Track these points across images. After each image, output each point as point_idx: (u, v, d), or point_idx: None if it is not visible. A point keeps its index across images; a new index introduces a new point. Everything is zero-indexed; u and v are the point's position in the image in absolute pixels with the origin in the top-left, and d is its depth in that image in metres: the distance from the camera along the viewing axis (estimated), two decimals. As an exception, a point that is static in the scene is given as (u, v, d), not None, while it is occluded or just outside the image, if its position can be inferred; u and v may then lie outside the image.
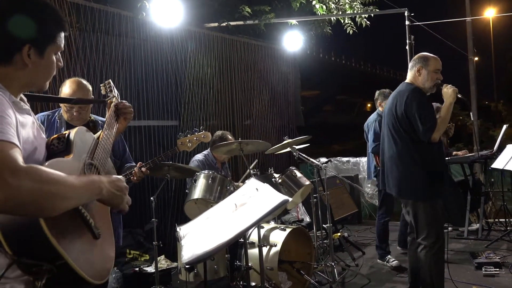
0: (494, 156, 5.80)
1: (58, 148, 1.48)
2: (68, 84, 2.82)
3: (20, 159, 1.20)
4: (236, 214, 1.93)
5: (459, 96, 3.44)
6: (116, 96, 2.05)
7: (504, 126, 6.55)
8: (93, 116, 2.98)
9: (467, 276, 4.35)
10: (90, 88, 2.90)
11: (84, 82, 2.88)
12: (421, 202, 3.41)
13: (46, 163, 1.34)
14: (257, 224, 2.66)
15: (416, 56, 3.59)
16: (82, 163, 1.50)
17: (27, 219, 1.22)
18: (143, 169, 2.81)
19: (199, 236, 1.90)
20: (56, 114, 2.88)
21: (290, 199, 1.84)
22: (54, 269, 1.24)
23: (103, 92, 2.10)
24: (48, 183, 1.20)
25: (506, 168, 5.33)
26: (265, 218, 1.81)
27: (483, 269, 4.44)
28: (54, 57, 1.48)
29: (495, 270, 4.40)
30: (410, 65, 3.59)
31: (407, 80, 3.58)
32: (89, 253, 1.39)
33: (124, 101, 2.01)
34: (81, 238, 1.37)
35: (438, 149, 3.43)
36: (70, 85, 2.81)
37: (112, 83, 2.11)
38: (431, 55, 3.55)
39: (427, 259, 3.41)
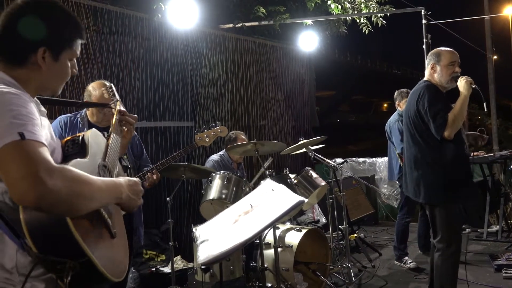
0: (514, 156, 5.70)
1: (73, 149, 1.51)
2: (96, 86, 2.88)
3: (52, 159, 1.23)
4: (251, 215, 1.93)
5: (473, 86, 3.26)
6: (120, 100, 2.07)
7: (524, 126, 6.42)
8: None
9: (486, 279, 4.27)
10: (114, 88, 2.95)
11: (108, 84, 2.93)
12: (437, 206, 3.33)
13: (70, 163, 1.36)
14: (273, 225, 2.66)
15: (430, 53, 3.50)
16: (97, 164, 1.53)
17: (53, 217, 1.25)
18: (154, 175, 2.84)
19: (215, 237, 1.91)
20: (79, 115, 2.94)
21: (306, 200, 1.83)
22: (77, 266, 1.27)
23: (106, 96, 2.13)
24: (79, 184, 1.24)
25: (526, 168, 5.24)
26: (281, 219, 1.80)
27: (503, 271, 4.35)
28: (68, 63, 1.50)
29: (515, 273, 4.32)
30: (426, 62, 3.51)
31: (425, 78, 3.50)
32: (109, 252, 1.43)
33: (124, 110, 1.98)
34: (101, 237, 1.41)
35: (457, 152, 3.25)
36: (98, 87, 2.87)
37: (114, 87, 2.13)
38: (444, 48, 3.42)
39: (438, 262, 3.35)
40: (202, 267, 3.64)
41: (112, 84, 2.16)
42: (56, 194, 1.17)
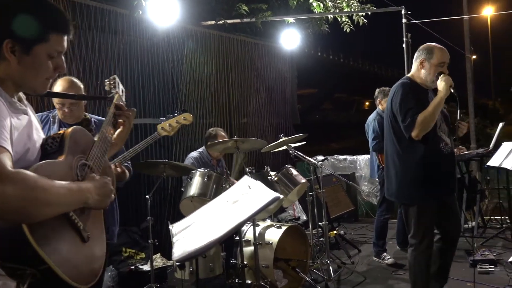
0: (490, 154, 5.82)
1: (52, 148, 1.45)
2: (59, 82, 2.83)
3: (8, 164, 1.19)
4: (228, 211, 1.93)
5: (452, 91, 3.14)
6: (120, 93, 1.98)
7: (500, 124, 6.56)
8: (88, 115, 2.98)
9: (462, 274, 4.36)
10: (82, 86, 2.90)
11: (75, 80, 2.88)
12: (406, 204, 3.35)
13: (36, 166, 1.31)
14: (248, 221, 2.66)
15: (421, 47, 3.34)
16: (75, 164, 1.47)
17: (8, 224, 1.20)
18: (118, 168, 2.79)
19: (190, 233, 1.91)
20: (51, 114, 2.90)
21: (281, 196, 1.84)
22: (37, 274, 1.24)
23: (107, 88, 2.01)
24: (34, 190, 1.20)
25: (502, 166, 5.34)
26: (257, 215, 1.81)
27: (478, 267, 4.44)
28: (46, 58, 1.42)
29: (490, 268, 4.42)
30: (415, 55, 3.36)
31: (410, 73, 3.42)
32: (76, 257, 1.37)
33: (122, 104, 1.92)
34: (67, 241, 1.36)
35: (429, 151, 3.21)
36: (62, 83, 2.82)
37: (117, 78, 2.02)
38: (438, 46, 3.30)
39: (411, 257, 3.39)
40: (177, 264, 3.63)
41: (115, 76, 2.06)
42: (7, 200, 1.13)
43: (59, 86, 2.82)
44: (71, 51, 4.61)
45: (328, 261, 4.32)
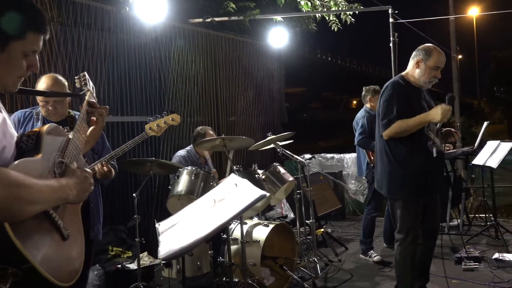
0: (475, 153, 5.89)
1: (27, 146, 1.42)
2: (43, 79, 2.81)
3: None
4: (214, 209, 1.93)
5: (437, 126, 3.26)
6: (91, 90, 1.97)
7: (485, 123, 6.65)
8: (73, 112, 2.96)
9: (447, 271, 4.41)
10: (66, 83, 2.88)
11: (60, 77, 2.86)
12: (393, 198, 3.43)
13: (14, 164, 1.29)
14: (234, 219, 2.66)
15: (421, 46, 3.37)
16: (52, 161, 1.45)
17: None
18: (105, 167, 2.79)
19: (177, 232, 1.90)
20: (34, 110, 2.87)
21: (268, 194, 1.84)
22: (19, 273, 1.22)
23: (77, 85, 2.00)
24: (17, 187, 1.19)
25: (486, 164, 5.42)
26: (243, 213, 1.81)
27: (462, 264, 4.50)
28: (21, 56, 1.39)
29: (474, 265, 4.47)
30: (413, 53, 3.40)
31: (405, 71, 3.46)
32: (57, 255, 1.37)
33: (94, 101, 1.89)
34: (48, 240, 1.35)
35: (415, 149, 3.28)
36: (45, 80, 2.80)
37: (87, 75, 2.01)
38: (437, 49, 3.33)
39: (396, 252, 3.47)
40: (163, 262, 3.62)
41: (85, 73, 2.03)
42: None
43: (43, 83, 2.79)
44: (56, 48, 4.56)
45: (315, 259, 4.34)
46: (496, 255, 4.63)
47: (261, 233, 3.96)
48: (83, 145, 1.71)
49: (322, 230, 5.40)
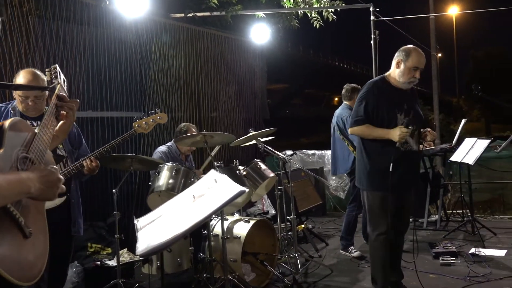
0: (453, 150, 5.99)
1: None
2: (22, 74, 2.75)
3: None
4: (193, 205, 1.92)
5: (397, 145, 3.32)
6: (62, 83, 1.91)
7: (463, 121, 6.77)
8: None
9: (425, 265, 4.49)
10: (45, 78, 2.81)
11: (38, 72, 2.80)
12: (364, 191, 3.57)
13: None
14: (213, 215, 2.65)
15: (402, 47, 3.44)
16: (15, 157, 1.41)
17: None
18: (93, 162, 2.78)
19: (155, 228, 1.89)
20: (10, 105, 2.81)
21: (247, 189, 1.84)
22: None
23: (47, 78, 1.93)
24: None
25: (463, 161, 5.51)
26: (222, 209, 1.81)
27: (440, 259, 4.59)
28: None
29: (451, 259, 4.56)
30: (395, 54, 3.46)
31: (388, 71, 3.55)
32: (17, 254, 1.33)
33: (64, 95, 1.84)
34: (8, 238, 1.31)
35: (387, 144, 3.35)
36: (24, 75, 2.74)
37: (58, 68, 1.95)
38: (416, 50, 3.39)
39: (369, 244, 3.62)
40: (140, 258, 3.59)
41: (56, 65, 1.98)
42: None
43: (22, 78, 2.73)
44: (34, 41, 4.47)
45: (296, 255, 4.36)
46: (472, 250, 4.74)
47: (242, 229, 3.96)
48: (51, 139, 1.66)
49: (303, 226, 5.43)
